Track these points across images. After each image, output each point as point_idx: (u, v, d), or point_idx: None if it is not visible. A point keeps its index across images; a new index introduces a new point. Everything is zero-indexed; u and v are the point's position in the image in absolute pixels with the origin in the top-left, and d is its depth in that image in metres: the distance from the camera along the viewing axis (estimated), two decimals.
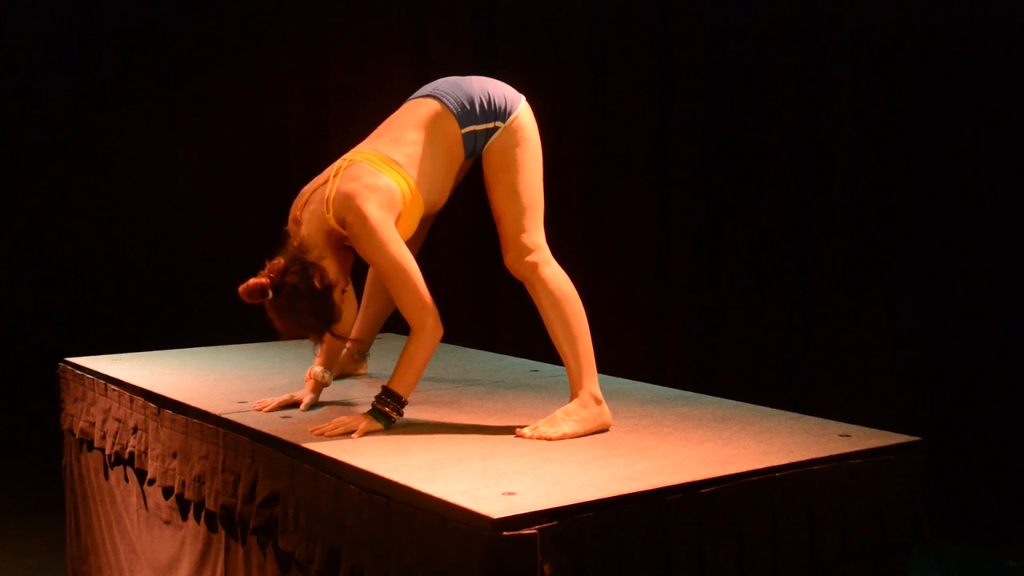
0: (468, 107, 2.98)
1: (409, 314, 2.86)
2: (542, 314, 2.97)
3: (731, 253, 5.10)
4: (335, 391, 3.32)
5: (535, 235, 2.96)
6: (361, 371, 3.59)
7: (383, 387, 2.88)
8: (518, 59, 5.57)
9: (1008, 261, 4.51)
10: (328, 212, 2.89)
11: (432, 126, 2.98)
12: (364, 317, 3.52)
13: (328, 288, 2.82)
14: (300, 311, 2.80)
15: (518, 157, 2.98)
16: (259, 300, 2.80)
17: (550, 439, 2.80)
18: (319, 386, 3.18)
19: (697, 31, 5.10)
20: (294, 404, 3.12)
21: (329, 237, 2.91)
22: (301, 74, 6.24)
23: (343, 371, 3.53)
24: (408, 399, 2.89)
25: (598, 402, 2.91)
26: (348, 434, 2.79)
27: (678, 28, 5.15)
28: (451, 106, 2.99)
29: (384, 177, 2.90)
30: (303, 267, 2.80)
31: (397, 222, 2.90)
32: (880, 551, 2.69)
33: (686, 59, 5.14)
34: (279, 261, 2.83)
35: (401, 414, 2.88)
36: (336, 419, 2.87)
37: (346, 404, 3.18)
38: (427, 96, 3.05)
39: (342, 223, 2.88)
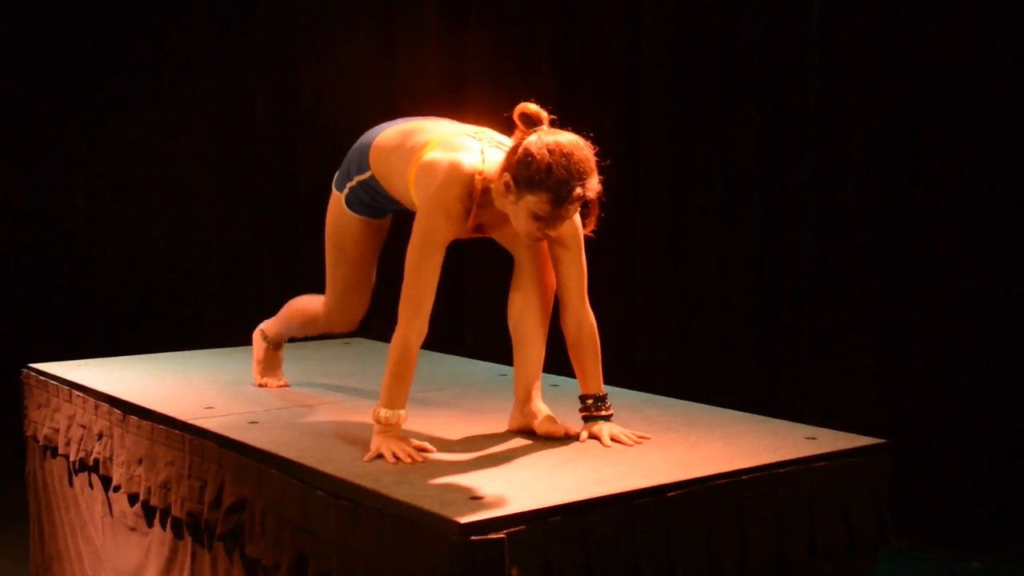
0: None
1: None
2: (527, 296, 2.98)
3: (699, 256, 5.11)
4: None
5: None
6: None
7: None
8: (486, 66, 5.57)
9: (972, 265, 4.55)
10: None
11: None
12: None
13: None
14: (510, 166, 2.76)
15: None
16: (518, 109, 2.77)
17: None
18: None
19: (665, 29, 5.11)
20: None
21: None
22: (269, 81, 6.22)
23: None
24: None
25: None
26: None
27: (646, 26, 5.15)
28: None
29: None
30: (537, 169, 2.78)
31: None
32: (846, 552, 2.71)
33: (653, 60, 5.15)
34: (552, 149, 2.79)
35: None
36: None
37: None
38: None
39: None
